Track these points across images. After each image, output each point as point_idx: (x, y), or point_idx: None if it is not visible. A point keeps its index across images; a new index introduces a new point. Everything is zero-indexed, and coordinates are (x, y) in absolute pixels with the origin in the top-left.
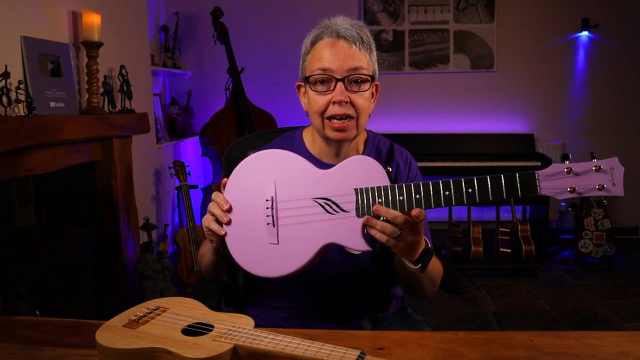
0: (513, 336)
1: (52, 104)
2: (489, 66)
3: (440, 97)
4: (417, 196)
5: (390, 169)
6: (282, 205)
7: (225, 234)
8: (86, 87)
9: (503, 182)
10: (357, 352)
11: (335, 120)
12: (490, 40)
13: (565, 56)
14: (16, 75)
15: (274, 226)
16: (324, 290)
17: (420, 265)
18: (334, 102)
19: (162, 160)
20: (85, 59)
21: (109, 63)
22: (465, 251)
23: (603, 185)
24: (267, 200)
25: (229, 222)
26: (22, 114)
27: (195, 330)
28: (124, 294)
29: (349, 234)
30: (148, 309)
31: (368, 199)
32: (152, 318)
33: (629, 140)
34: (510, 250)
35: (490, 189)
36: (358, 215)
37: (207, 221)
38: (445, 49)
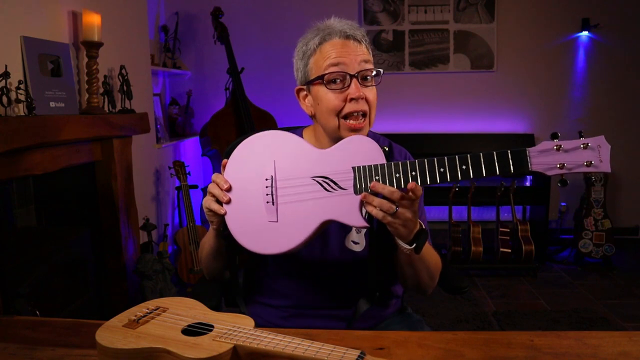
0: (513, 336)
1: (52, 104)
2: (489, 66)
3: (440, 97)
4: (413, 173)
5: (387, 148)
6: (281, 183)
7: (225, 213)
8: (86, 87)
9: (496, 158)
10: (357, 352)
11: (351, 121)
12: (490, 40)
13: (565, 56)
14: (16, 75)
15: (273, 204)
16: (324, 287)
17: (415, 245)
18: (351, 99)
19: (162, 160)
20: (85, 59)
21: (109, 63)
22: (465, 251)
23: (591, 162)
24: (266, 180)
25: (228, 201)
26: (22, 114)
27: (195, 330)
28: (124, 294)
29: (347, 211)
30: (148, 309)
31: (365, 177)
32: (152, 318)
33: (629, 140)
34: (510, 250)
35: (483, 165)
36: (356, 193)
37: (208, 202)
38: (445, 49)
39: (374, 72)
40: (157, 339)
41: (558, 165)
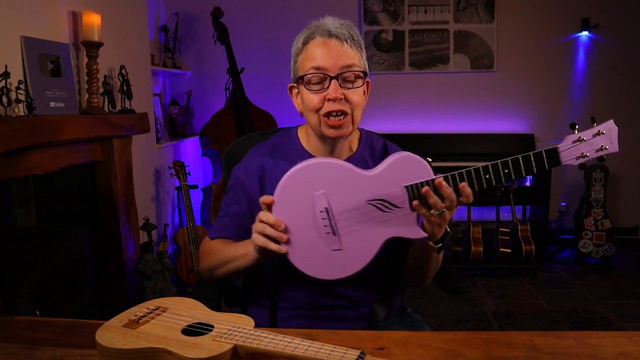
0: (513, 336)
1: (52, 104)
2: (489, 66)
3: (440, 97)
4: (463, 183)
5: (430, 159)
6: (338, 213)
7: (287, 252)
8: (86, 87)
9: (533, 160)
10: (357, 352)
11: (332, 118)
12: (490, 40)
13: (565, 56)
14: (16, 75)
15: (334, 234)
16: (326, 288)
17: (440, 245)
18: (328, 99)
19: (162, 160)
20: (85, 59)
21: (109, 63)
22: (465, 251)
23: (604, 147)
24: (321, 212)
25: (287, 241)
26: (22, 114)
27: (195, 330)
28: (124, 294)
29: (407, 226)
30: (148, 309)
31: (419, 192)
32: (152, 318)
33: (629, 141)
34: (510, 250)
35: (522, 167)
36: (412, 210)
37: (264, 242)
38: (445, 49)
39: (357, 74)
40: (157, 339)
41: (582, 155)
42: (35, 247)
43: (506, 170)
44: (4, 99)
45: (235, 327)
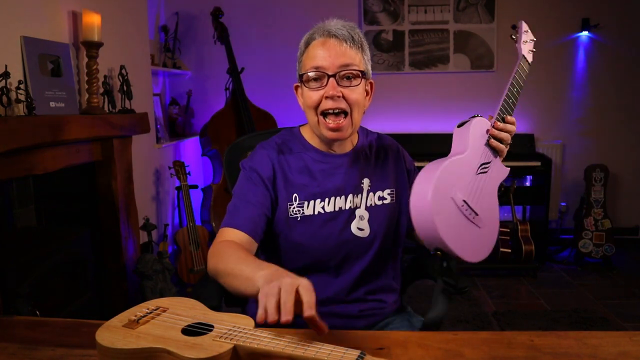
0: (513, 336)
1: (52, 104)
2: (489, 66)
3: (440, 97)
4: (507, 117)
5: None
6: (470, 199)
7: (460, 256)
8: (86, 87)
9: (524, 67)
10: (357, 352)
11: (330, 120)
12: (490, 40)
13: (565, 56)
14: (16, 75)
15: (477, 214)
16: (328, 282)
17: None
18: (326, 97)
19: (162, 160)
20: (85, 59)
21: (109, 63)
22: None
23: (531, 38)
24: (462, 206)
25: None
26: (22, 114)
27: (195, 330)
28: (124, 294)
29: (499, 171)
30: (148, 309)
31: (495, 138)
32: (152, 318)
33: (629, 141)
34: (510, 250)
35: (522, 82)
36: (495, 156)
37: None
38: (445, 49)
39: (356, 73)
40: (157, 339)
41: (531, 51)
42: (35, 247)
43: (515, 89)
44: (4, 99)
45: (235, 327)
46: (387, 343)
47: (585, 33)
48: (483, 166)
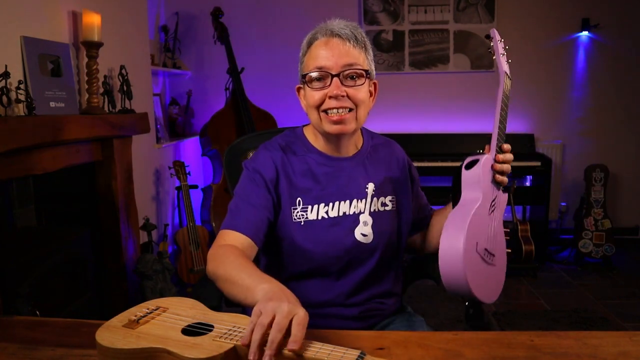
0: (513, 336)
1: (52, 104)
2: (489, 66)
3: (440, 97)
4: (503, 145)
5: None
6: (488, 243)
7: (479, 299)
8: (86, 87)
9: (506, 81)
10: (357, 352)
11: (333, 113)
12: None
13: (565, 56)
14: (16, 75)
15: (494, 255)
16: (331, 285)
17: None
18: (330, 97)
19: (162, 160)
20: (85, 59)
21: (109, 63)
22: None
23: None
24: (484, 252)
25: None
26: (22, 114)
27: (195, 330)
28: (124, 294)
29: (503, 201)
30: (148, 308)
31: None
32: (152, 318)
33: (629, 141)
34: (510, 250)
35: (506, 99)
36: (499, 188)
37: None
38: (445, 49)
39: (360, 72)
40: (157, 339)
41: (508, 62)
42: (35, 247)
43: (503, 113)
44: (4, 99)
45: (235, 327)
46: (387, 343)
47: (585, 33)
48: (493, 203)
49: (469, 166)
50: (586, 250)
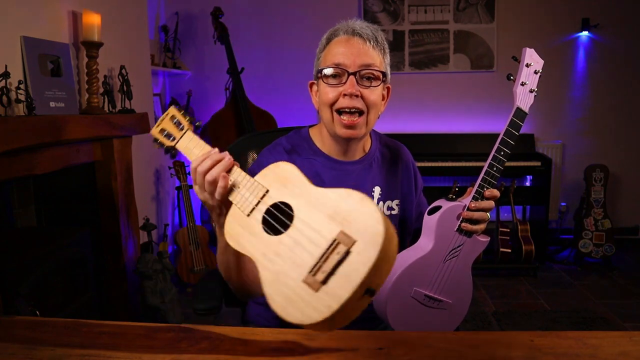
0: (513, 336)
1: (52, 104)
2: (489, 66)
3: (440, 97)
4: (486, 191)
5: (457, 187)
6: (435, 289)
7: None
8: (86, 87)
9: (511, 129)
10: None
11: (345, 117)
12: (490, 40)
13: (565, 56)
14: (16, 75)
15: (441, 301)
16: None
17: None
18: (344, 95)
19: (162, 160)
20: (85, 59)
21: (109, 63)
22: None
23: (537, 70)
24: (424, 299)
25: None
26: (22, 114)
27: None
28: (124, 294)
29: (475, 244)
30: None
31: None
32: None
33: (629, 141)
34: (510, 250)
35: (509, 142)
36: (464, 235)
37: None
38: (445, 49)
39: (377, 74)
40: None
41: (531, 90)
42: (35, 247)
43: (502, 153)
44: (4, 99)
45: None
46: (387, 343)
47: (585, 33)
48: (453, 251)
49: (431, 212)
50: (586, 250)
